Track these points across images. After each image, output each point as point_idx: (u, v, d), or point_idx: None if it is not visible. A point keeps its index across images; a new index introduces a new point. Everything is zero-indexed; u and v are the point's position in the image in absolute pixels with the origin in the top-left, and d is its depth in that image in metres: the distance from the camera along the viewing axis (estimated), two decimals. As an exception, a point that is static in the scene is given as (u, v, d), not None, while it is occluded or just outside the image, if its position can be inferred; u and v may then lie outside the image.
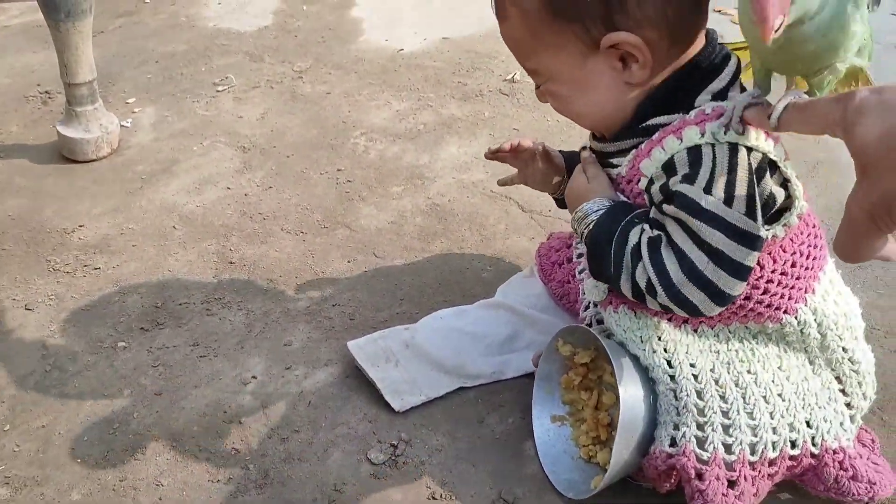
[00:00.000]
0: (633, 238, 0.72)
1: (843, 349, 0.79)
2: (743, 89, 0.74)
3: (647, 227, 0.72)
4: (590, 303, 0.86)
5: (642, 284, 0.71)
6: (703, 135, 0.68)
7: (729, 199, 0.67)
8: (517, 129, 1.43)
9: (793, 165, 0.70)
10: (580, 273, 0.90)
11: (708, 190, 0.67)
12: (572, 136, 1.38)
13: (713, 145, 0.68)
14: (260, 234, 1.23)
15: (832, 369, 0.79)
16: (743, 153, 0.68)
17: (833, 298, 0.79)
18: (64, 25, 1.31)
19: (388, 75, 1.68)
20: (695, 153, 0.68)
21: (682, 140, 0.69)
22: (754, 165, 0.68)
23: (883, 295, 1.03)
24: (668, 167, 0.70)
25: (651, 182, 0.72)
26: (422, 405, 0.90)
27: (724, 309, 0.71)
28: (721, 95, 0.71)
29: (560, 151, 0.94)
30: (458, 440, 0.86)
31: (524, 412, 0.88)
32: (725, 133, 0.67)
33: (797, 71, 0.66)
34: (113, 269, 1.17)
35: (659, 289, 0.70)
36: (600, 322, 0.84)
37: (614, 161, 0.77)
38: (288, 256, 1.17)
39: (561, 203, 0.97)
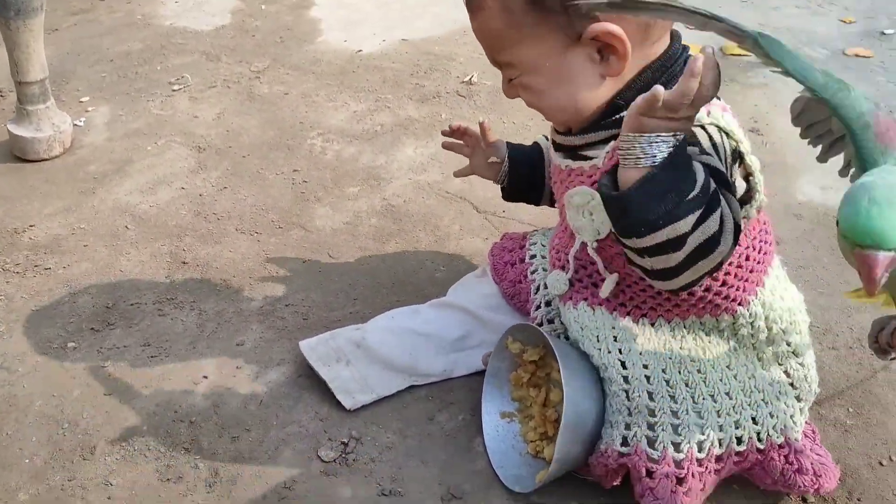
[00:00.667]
0: (711, 183, 0.66)
1: (788, 343, 0.82)
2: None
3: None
4: (541, 303, 0.89)
5: (714, 226, 0.65)
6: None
7: (722, 164, 0.69)
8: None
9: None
10: (532, 273, 0.93)
11: (703, 151, 0.69)
12: (528, 139, 1.40)
13: (702, 126, 0.70)
14: (214, 234, 1.23)
15: (779, 363, 0.82)
16: (724, 136, 0.71)
17: (780, 294, 0.82)
18: (14, 23, 1.29)
19: (346, 76, 1.68)
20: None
21: None
22: (728, 148, 0.70)
23: (822, 294, 1.07)
24: None
25: None
26: (373, 403, 0.91)
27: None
28: None
29: (507, 143, 0.98)
30: (408, 437, 0.88)
31: (474, 410, 0.90)
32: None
33: None
34: (63, 269, 1.16)
35: (727, 225, 0.66)
36: (551, 322, 0.87)
37: (587, 153, 0.79)
38: (242, 256, 1.18)
39: (508, 195, 1.00)
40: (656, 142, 0.64)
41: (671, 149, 0.64)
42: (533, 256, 0.94)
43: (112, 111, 1.60)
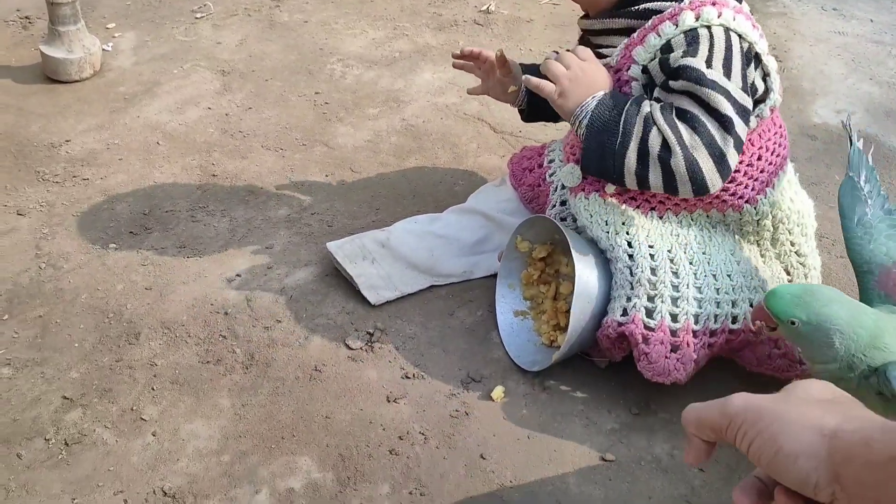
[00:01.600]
0: (644, 107, 0.77)
1: (791, 243, 0.88)
2: None
3: (653, 101, 0.78)
4: (556, 202, 0.93)
5: (655, 148, 0.75)
6: (698, 18, 0.75)
7: (728, 73, 0.75)
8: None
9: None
10: (551, 176, 0.97)
11: (709, 63, 0.75)
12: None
13: (709, 27, 0.75)
14: (241, 149, 1.28)
15: (780, 261, 0.87)
16: (735, 37, 0.76)
17: (790, 196, 0.88)
18: (45, -58, 1.32)
19: (364, 5, 1.71)
20: (692, 34, 0.75)
21: (678, 25, 0.76)
22: (741, 49, 0.75)
23: (833, 209, 1.10)
24: (666, 49, 0.76)
25: (645, 71, 0.78)
26: (396, 300, 0.97)
27: (720, 188, 0.78)
28: None
29: (520, 64, 1.00)
30: (429, 329, 0.94)
31: (491, 307, 0.96)
32: None
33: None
34: (101, 179, 1.22)
35: (676, 148, 0.75)
36: (563, 220, 0.91)
37: (603, 51, 0.83)
38: (268, 170, 1.23)
39: (527, 116, 1.03)
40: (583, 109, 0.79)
41: (586, 117, 0.78)
42: (552, 161, 0.98)
43: (138, 37, 1.63)
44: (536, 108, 1.01)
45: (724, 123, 0.75)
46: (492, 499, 0.76)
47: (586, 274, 0.82)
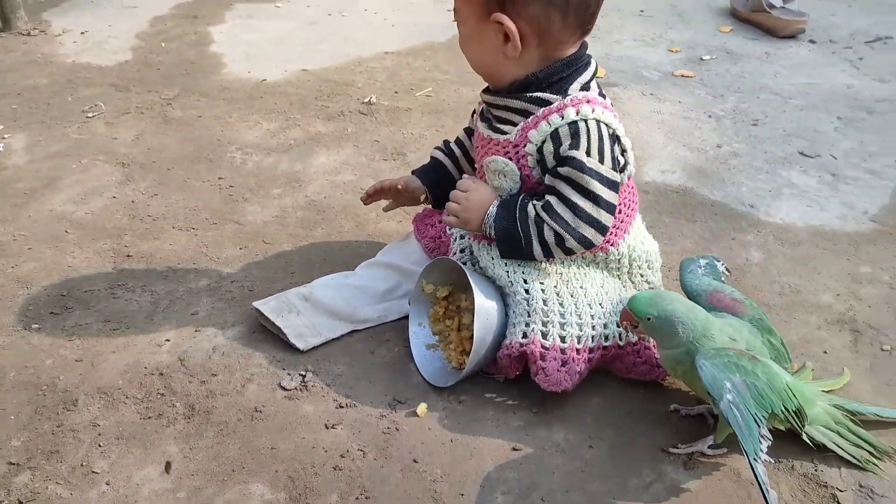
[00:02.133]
0: (531, 211, 0.99)
1: (642, 275, 1.09)
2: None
3: (535, 201, 1.00)
4: (457, 250, 1.11)
5: (551, 239, 0.98)
6: (578, 113, 0.97)
7: (601, 159, 0.97)
8: (378, 140, 1.67)
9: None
10: (450, 230, 1.14)
11: (589, 153, 0.97)
12: (424, 146, 1.64)
13: (586, 120, 0.97)
14: (152, 231, 1.36)
15: (636, 289, 1.08)
16: (604, 127, 0.99)
17: (640, 239, 1.10)
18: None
19: (254, 101, 1.86)
20: (574, 127, 0.97)
21: (563, 117, 0.97)
22: (609, 135, 0.98)
23: (666, 244, 1.35)
24: (554, 136, 0.97)
25: (540, 151, 0.98)
26: (321, 345, 1.09)
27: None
28: (586, 87, 1.01)
29: (413, 172, 1.19)
30: (354, 367, 1.06)
31: (407, 344, 1.09)
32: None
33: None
34: (12, 268, 1.25)
35: (566, 236, 0.98)
36: (464, 264, 1.09)
37: (503, 127, 1.03)
38: (183, 248, 1.32)
39: (435, 206, 1.21)
40: (487, 224, 1.01)
41: (492, 229, 1.01)
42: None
43: (29, 137, 1.69)
44: (442, 200, 1.16)
45: (597, 200, 0.97)
46: (426, 493, 0.88)
47: (484, 303, 0.99)
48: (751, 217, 1.40)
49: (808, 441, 0.92)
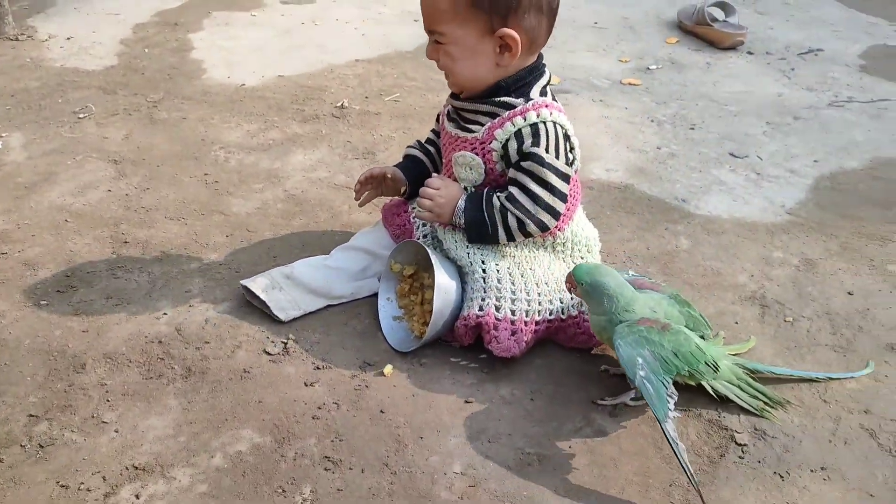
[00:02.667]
0: (495, 202, 1.16)
1: (582, 257, 1.26)
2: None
3: (499, 193, 1.16)
4: (419, 236, 1.27)
5: (514, 225, 1.15)
6: (538, 116, 1.14)
7: (557, 154, 1.15)
8: (350, 141, 1.83)
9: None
10: (414, 218, 1.30)
11: (548, 150, 1.14)
12: (392, 147, 1.80)
13: (545, 122, 1.14)
14: (147, 221, 1.50)
15: None
16: (559, 127, 1.16)
17: (582, 226, 1.27)
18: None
19: (235, 104, 2.01)
20: (535, 128, 1.14)
21: (525, 119, 1.14)
22: (562, 135, 1.15)
23: (605, 233, 1.52)
24: (518, 135, 1.14)
25: (504, 147, 1.14)
26: (301, 317, 1.24)
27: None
28: (544, 92, 1.17)
29: (396, 166, 1.34)
30: (330, 336, 1.22)
31: (376, 316, 1.25)
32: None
33: None
34: (19, 252, 1.39)
35: (527, 221, 1.15)
36: (425, 237, 1.25)
37: (471, 127, 1.18)
38: (175, 235, 1.46)
39: (409, 197, 1.35)
40: (457, 216, 1.17)
41: (462, 219, 1.17)
42: (414, 208, 1.32)
43: (25, 136, 1.81)
44: (415, 194, 1.31)
45: (553, 190, 1.15)
46: (390, 436, 1.04)
47: (444, 280, 1.15)
48: (682, 210, 1.58)
49: (713, 393, 1.09)
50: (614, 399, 1.11)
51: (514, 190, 1.16)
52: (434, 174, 1.26)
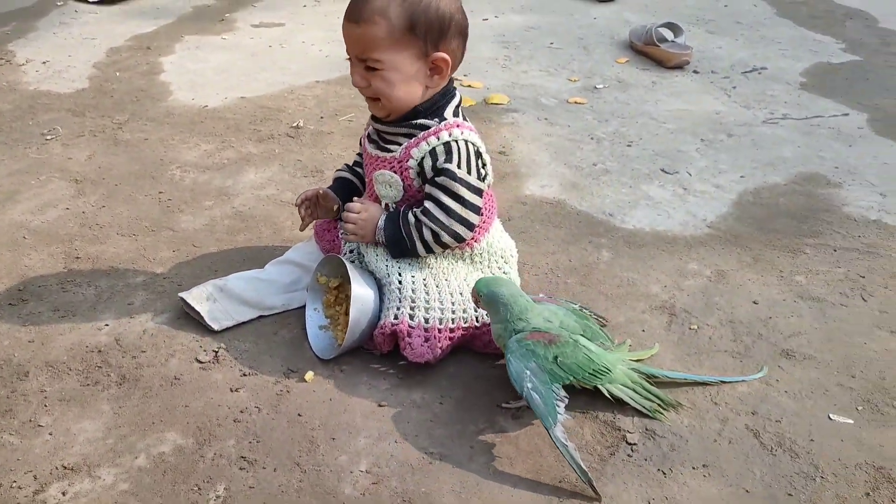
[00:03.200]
0: (411, 219, 1.24)
1: (499, 268, 1.34)
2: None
3: (414, 209, 1.24)
4: (346, 252, 1.35)
5: (429, 237, 1.23)
6: (451, 135, 1.23)
7: (469, 170, 1.24)
8: (300, 159, 1.92)
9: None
10: (342, 235, 1.39)
11: (459, 166, 1.23)
12: (340, 165, 1.88)
13: (456, 141, 1.23)
14: (99, 237, 1.59)
15: None
16: (471, 145, 1.25)
17: (498, 238, 1.35)
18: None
19: (196, 125, 2.10)
20: (448, 146, 1.23)
21: (439, 139, 1.23)
22: (474, 152, 1.24)
23: (529, 245, 1.62)
24: (433, 153, 1.23)
25: (420, 165, 1.23)
26: (234, 327, 1.32)
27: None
28: (456, 112, 1.26)
29: (329, 189, 1.42)
30: (259, 345, 1.30)
31: (304, 327, 1.34)
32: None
33: None
34: (-25, 268, 1.48)
35: (441, 232, 1.23)
36: (351, 262, 1.33)
37: (389, 147, 1.27)
38: (125, 251, 1.55)
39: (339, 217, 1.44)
40: (378, 235, 1.26)
41: (383, 237, 1.26)
42: (341, 229, 1.40)
43: (-8, 156, 1.91)
44: None
45: (465, 203, 1.23)
46: (305, 437, 1.12)
47: (360, 291, 1.24)
48: (608, 224, 1.67)
49: (609, 396, 1.17)
50: (517, 402, 1.19)
51: (428, 204, 1.24)
52: (355, 197, 1.35)
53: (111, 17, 3.01)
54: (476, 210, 1.25)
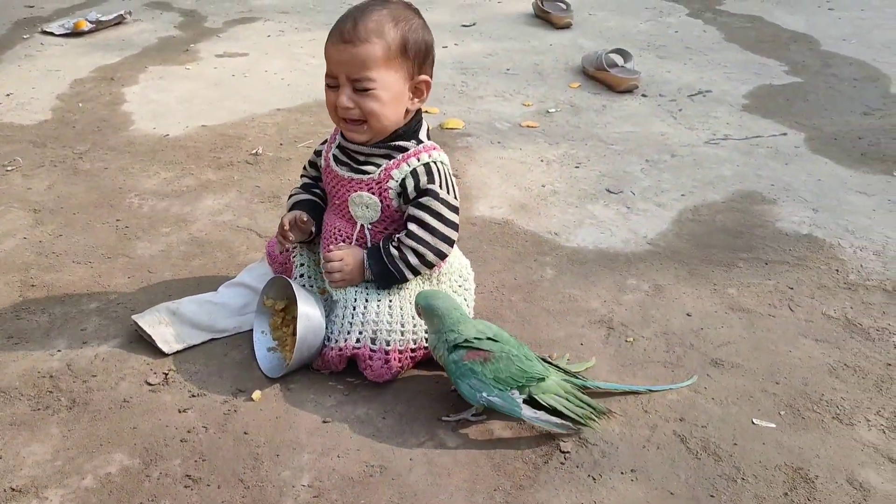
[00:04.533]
0: (393, 251, 1.28)
1: (460, 285, 1.39)
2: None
3: (395, 238, 1.28)
4: (297, 275, 1.40)
5: (414, 261, 1.28)
6: (429, 157, 1.28)
7: (448, 191, 1.29)
8: (259, 185, 1.97)
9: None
10: (294, 257, 1.43)
11: (441, 186, 1.28)
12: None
13: (435, 163, 1.29)
14: (55, 266, 1.63)
15: (457, 295, 1.39)
16: (446, 167, 1.31)
17: (457, 256, 1.40)
18: None
19: (156, 154, 2.15)
20: (427, 167, 1.28)
21: (419, 160, 1.28)
22: (450, 173, 1.31)
23: (479, 265, 1.67)
24: (413, 174, 1.28)
25: (402, 185, 1.27)
26: (185, 350, 1.36)
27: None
28: (428, 135, 1.32)
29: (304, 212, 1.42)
30: (210, 366, 1.34)
31: (253, 348, 1.38)
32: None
33: None
34: (-70, 298, 1.50)
35: (427, 252, 1.27)
36: (302, 276, 1.38)
37: (365, 168, 1.30)
38: (80, 278, 1.58)
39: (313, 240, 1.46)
40: (367, 275, 1.30)
41: (371, 275, 1.30)
42: (295, 247, 1.45)
43: (-48, 188, 1.93)
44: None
45: (447, 222, 1.29)
46: (250, 455, 1.16)
47: (307, 310, 1.29)
48: (553, 242, 1.74)
49: (543, 404, 1.23)
50: (457, 415, 1.24)
51: (412, 226, 1.28)
52: (332, 246, 1.34)
53: (76, 50, 3.05)
54: (455, 228, 1.31)
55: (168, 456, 1.16)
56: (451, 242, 1.30)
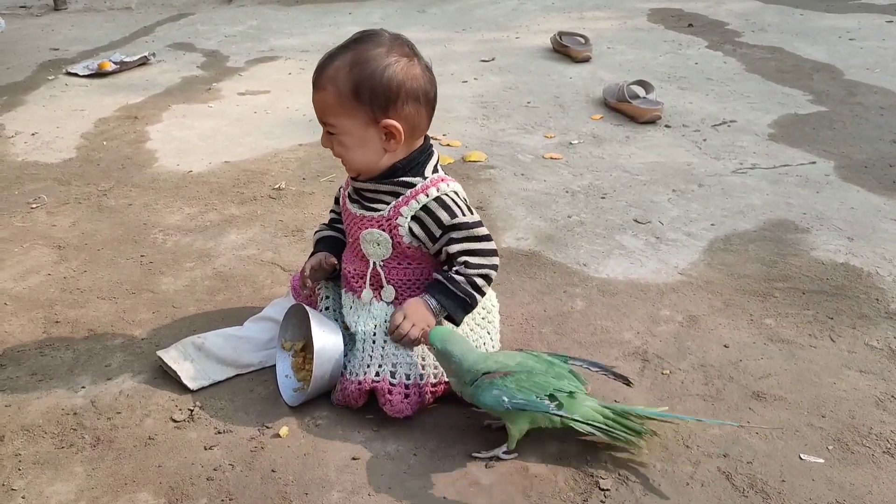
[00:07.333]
0: (458, 279, 1.26)
1: (483, 318, 1.36)
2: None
3: (453, 269, 1.27)
4: (322, 308, 1.37)
5: (482, 283, 1.28)
6: (438, 190, 1.27)
7: (470, 213, 1.29)
8: (282, 220, 1.96)
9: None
10: (319, 290, 1.41)
11: (464, 213, 1.27)
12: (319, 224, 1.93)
13: (447, 194, 1.28)
14: (79, 301, 1.61)
15: (482, 328, 1.35)
16: (458, 194, 1.30)
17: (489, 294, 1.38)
18: None
19: (180, 190, 2.15)
20: (440, 200, 1.27)
21: (428, 196, 1.27)
22: (462, 198, 1.30)
23: (509, 298, 1.64)
24: (426, 209, 1.26)
25: (415, 219, 1.25)
26: (210, 385, 1.33)
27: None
28: (435, 169, 1.31)
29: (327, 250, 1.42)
30: (235, 402, 1.31)
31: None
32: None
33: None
34: (-45, 334, 1.49)
35: (488, 272, 1.28)
36: (327, 308, 1.35)
37: (374, 206, 1.30)
38: (104, 314, 1.57)
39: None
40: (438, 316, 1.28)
41: (442, 313, 1.28)
42: (320, 282, 1.43)
43: (-22, 226, 1.94)
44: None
45: (487, 239, 1.29)
46: (278, 494, 1.12)
47: (322, 339, 1.25)
48: (582, 274, 1.70)
49: (581, 429, 1.17)
50: (489, 452, 1.19)
51: (465, 258, 1.27)
52: (394, 313, 1.30)
53: (100, 90, 3.10)
54: (491, 238, 1.30)
55: (194, 495, 1.12)
56: (496, 252, 1.30)
